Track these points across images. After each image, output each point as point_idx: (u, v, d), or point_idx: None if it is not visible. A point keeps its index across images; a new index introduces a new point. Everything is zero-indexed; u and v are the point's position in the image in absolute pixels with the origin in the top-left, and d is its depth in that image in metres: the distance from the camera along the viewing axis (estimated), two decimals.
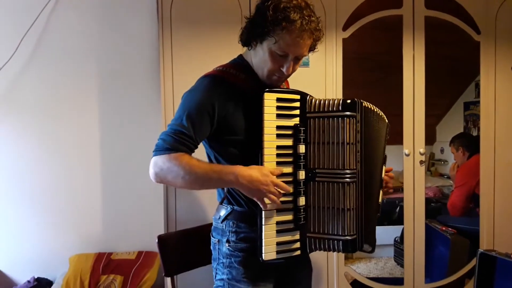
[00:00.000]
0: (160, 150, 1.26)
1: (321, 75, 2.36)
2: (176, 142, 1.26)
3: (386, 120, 1.48)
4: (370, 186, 1.41)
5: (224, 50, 2.15)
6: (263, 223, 1.29)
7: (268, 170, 1.26)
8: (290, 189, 1.30)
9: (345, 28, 2.38)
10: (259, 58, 1.35)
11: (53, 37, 2.52)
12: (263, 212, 1.29)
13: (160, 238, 1.77)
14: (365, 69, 3.12)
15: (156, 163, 1.26)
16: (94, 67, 2.57)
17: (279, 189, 1.26)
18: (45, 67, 2.52)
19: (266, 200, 1.26)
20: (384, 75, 3.12)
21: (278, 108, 1.31)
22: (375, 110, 1.42)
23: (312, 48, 1.39)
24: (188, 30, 2.23)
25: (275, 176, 1.27)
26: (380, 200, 1.48)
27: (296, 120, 1.34)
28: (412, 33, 2.45)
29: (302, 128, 1.33)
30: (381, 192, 1.49)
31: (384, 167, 1.50)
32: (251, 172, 1.24)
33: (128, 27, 2.58)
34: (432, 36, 2.48)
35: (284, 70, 1.33)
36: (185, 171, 1.23)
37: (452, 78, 3.54)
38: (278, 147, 1.31)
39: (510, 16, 2.52)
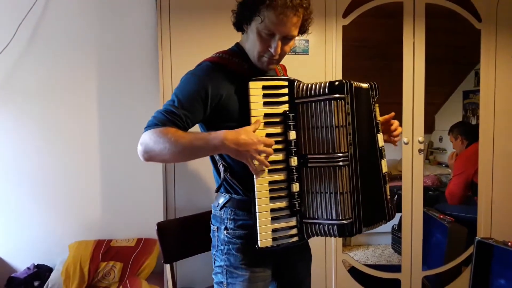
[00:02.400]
0: (149, 126, 1.28)
1: (320, 62, 2.34)
2: (166, 119, 1.26)
3: (366, 85, 1.40)
4: (366, 168, 1.38)
5: (223, 37, 2.12)
6: (257, 211, 1.29)
7: (252, 129, 1.25)
8: (273, 141, 1.27)
9: (345, 15, 2.36)
10: (250, 41, 1.35)
11: (51, 24, 2.50)
12: (256, 200, 1.29)
13: (159, 225, 1.78)
14: (365, 57, 3.12)
15: (144, 139, 1.27)
16: (93, 55, 2.55)
17: (266, 147, 1.24)
18: (43, 54, 2.50)
19: (255, 162, 1.24)
20: (384, 62, 3.11)
21: (265, 96, 1.30)
22: (360, 86, 1.38)
23: (302, 30, 1.37)
24: (186, 18, 2.21)
25: (260, 135, 1.25)
26: (385, 170, 1.44)
27: (285, 107, 1.33)
28: (412, 20, 2.43)
29: (291, 115, 1.32)
30: (383, 162, 1.44)
31: (379, 134, 1.44)
32: (237, 134, 1.23)
33: (126, 14, 2.55)
34: (432, 23, 2.46)
35: (272, 50, 1.31)
36: (170, 142, 1.22)
37: (452, 66, 3.54)
38: (268, 135, 1.30)
39: (511, 4, 2.50)
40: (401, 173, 2.53)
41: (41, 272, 2.43)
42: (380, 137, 1.44)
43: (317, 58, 2.34)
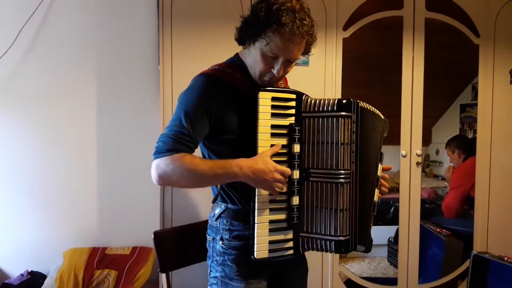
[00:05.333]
0: (161, 152, 1.25)
1: (320, 74, 2.36)
2: (176, 143, 1.25)
3: (383, 117, 1.46)
4: (365, 186, 1.39)
5: (224, 47, 2.12)
6: (255, 221, 1.29)
7: (267, 156, 1.26)
8: (289, 170, 1.30)
9: (345, 28, 2.38)
10: (252, 58, 1.35)
11: (52, 30, 2.50)
12: (256, 210, 1.29)
13: (156, 234, 1.77)
14: (365, 69, 3.13)
15: (159, 166, 1.24)
16: (93, 62, 2.55)
17: (281, 174, 1.26)
18: (43, 60, 2.50)
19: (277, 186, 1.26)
20: (383, 75, 3.13)
21: (273, 107, 1.31)
22: (372, 109, 1.41)
23: (305, 51, 1.38)
24: (188, 26, 2.23)
25: (273, 162, 1.27)
26: (376, 198, 1.46)
27: (292, 120, 1.34)
28: (412, 34, 2.46)
29: (297, 128, 1.33)
30: (376, 190, 1.46)
31: (380, 164, 1.47)
32: (254, 162, 1.24)
33: (128, 22, 2.56)
34: (431, 38, 2.49)
35: (274, 72, 1.32)
36: (189, 171, 1.23)
37: (449, 80, 3.55)
38: (272, 146, 1.30)
39: (509, 20, 2.53)
40: (398, 185, 2.53)
41: (35, 279, 2.41)
42: (380, 167, 1.46)
43: (317, 69, 2.35)
